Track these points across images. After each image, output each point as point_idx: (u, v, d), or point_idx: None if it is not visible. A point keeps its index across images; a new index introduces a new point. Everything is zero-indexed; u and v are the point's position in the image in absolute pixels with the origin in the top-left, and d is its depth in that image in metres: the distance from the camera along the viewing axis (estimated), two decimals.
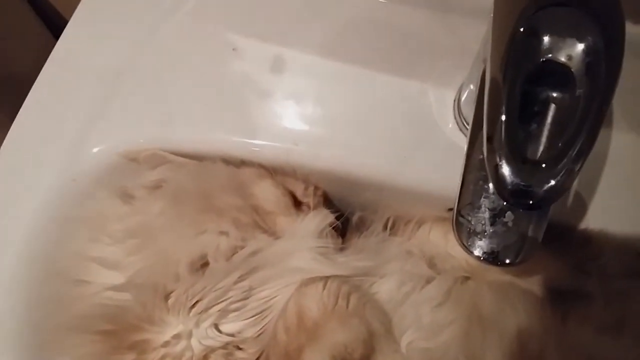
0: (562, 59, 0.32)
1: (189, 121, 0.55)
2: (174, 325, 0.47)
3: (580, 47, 0.31)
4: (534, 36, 0.32)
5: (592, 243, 0.50)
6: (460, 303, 0.50)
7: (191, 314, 0.47)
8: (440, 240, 0.56)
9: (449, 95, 0.54)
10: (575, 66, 0.32)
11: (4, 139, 0.55)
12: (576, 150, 0.31)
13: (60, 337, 0.50)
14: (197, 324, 0.47)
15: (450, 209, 0.51)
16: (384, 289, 0.51)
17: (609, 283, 0.48)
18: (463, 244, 0.42)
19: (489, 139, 0.32)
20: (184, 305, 0.47)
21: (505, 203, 0.37)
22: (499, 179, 0.31)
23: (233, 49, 0.57)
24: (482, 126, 0.35)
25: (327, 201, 0.58)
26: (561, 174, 0.31)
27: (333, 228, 0.52)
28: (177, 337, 0.47)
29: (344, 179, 0.55)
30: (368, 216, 0.59)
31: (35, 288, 0.52)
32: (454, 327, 0.48)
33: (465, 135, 0.51)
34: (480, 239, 0.42)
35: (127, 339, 0.47)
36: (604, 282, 0.48)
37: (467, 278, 0.53)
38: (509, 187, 0.31)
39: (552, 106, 0.34)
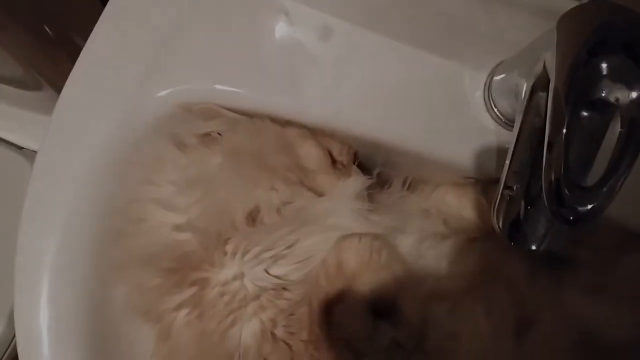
0: (612, 100, 0.39)
1: (241, 79, 0.58)
2: (231, 267, 0.54)
3: (629, 94, 0.39)
4: (593, 75, 0.39)
5: None
6: (471, 260, 0.58)
7: (246, 259, 0.54)
8: (455, 202, 0.64)
9: (481, 79, 0.59)
10: (621, 108, 0.39)
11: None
12: (616, 176, 0.38)
13: (124, 270, 0.56)
14: (251, 267, 0.54)
15: (468, 177, 0.60)
16: (406, 243, 0.58)
17: (600, 254, 0.58)
18: (498, 218, 0.50)
19: (550, 148, 0.39)
20: (240, 251, 0.54)
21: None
22: (551, 193, 0.39)
23: (285, 14, 0.60)
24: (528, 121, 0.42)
25: (356, 159, 0.64)
26: (603, 197, 0.39)
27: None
28: (234, 277, 0.54)
29: (375, 144, 0.61)
30: (389, 172, 0.66)
31: (95, 223, 0.57)
32: (464, 280, 0.57)
33: (492, 116, 0.58)
34: (514, 220, 0.49)
35: (189, 276, 0.54)
36: (595, 253, 0.58)
37: (476, 238, 0.61)
38: (558, 202, 0.39)
39: (602, 136, 0.41)
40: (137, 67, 0.57)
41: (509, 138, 0.53)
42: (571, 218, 0.39)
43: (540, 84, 0.45)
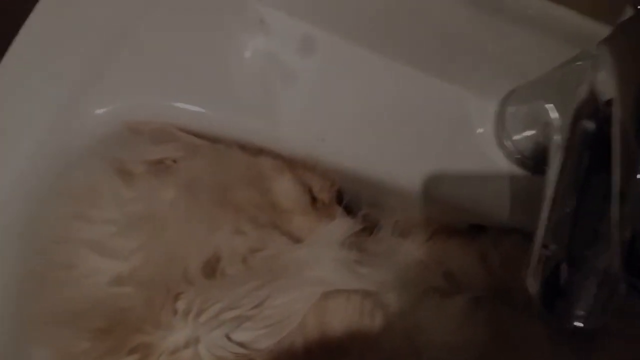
0: None
1: (205, 96, 0.49)
2: (182, 331, 0.43)
3: None
4: None
5: None
6: (479, 325, 0.48)
7: (201, 319, 0.43)
8: (457, 253, 0.54)
9: (490, 106, 0.51)
10: None
11: None
12: None
13: (46, 328, 0.45)
14: (208, 331, 0.43)
15: (473, 226, 0.50)
16: (401, 302, 0.48)
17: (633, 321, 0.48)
18: (532, 285, 0.40)
19: (622, 198, 0.29)
20: (194, 310, 0.43)
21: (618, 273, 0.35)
22: (630, 257, 0.29)
23: (260, 21, 0.50)
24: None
25: (339, 197, 0.55)
26: None
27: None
28: (185, 343, 0.43)
29: (363, 180, 0.52)
30: (377, 214, 0.56)
31: (13, 264, 0.47)
32: (472, 351, 0.47)
33: (504, 152, 0.49)
34: (553, 287, 0.39)
35: (127, 340, 0.43)
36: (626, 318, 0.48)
37: (483, 298, 0.51)
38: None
39: None
40: (72, 75, 0.48)
41: (525, 179, 0.48)
42: None
43: (586, 111, 0.36)
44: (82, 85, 0.48)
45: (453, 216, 0.53)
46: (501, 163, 0.51)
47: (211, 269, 0.45)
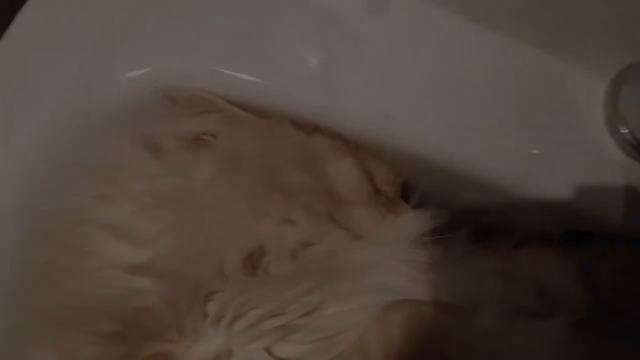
0: None
1: (253, 62, 0.43)
2: (212, 340, 0.36)
3: None
4: None
5: None
6: (582, 354, 0.41)
7: (236, 327, 0.36)
8: (553, 265, 0.46)
9: (600, 85, 0.45)
10: None
11: None
12: None
13: (50, 325, 0.39)
14: (244, 343, 0.36)
15: (572, 232, 0.41)
16: (486, 320, 0.40)
17: None
18: None
19: None
20: (229, 315, 0.36)
21: None
22: None
23: None
24: None
25: (405, 193, 0.48)
26: None
27: None
28: (216, 356, 0.36)
29: (440, 170, 0.45)
30: (450, 214, 0.47)
31: (21, 247, 0.42)
32: None
33: (618, 142, 0.42)
34: None
35: (144, 348, 0.36)
36: None
37: (583, 321, 0.42)
38: None
39: None
40: (102, 32, 0.43)
41: None
42: None
43: None
44: (113, 43, 0.43)
45: (548, 219, 0.45)
46: (614, 154, 0.43)
47: (253, 264, 0.39)
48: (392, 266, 0.39)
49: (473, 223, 0.47)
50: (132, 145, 0.42)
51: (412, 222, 0.41)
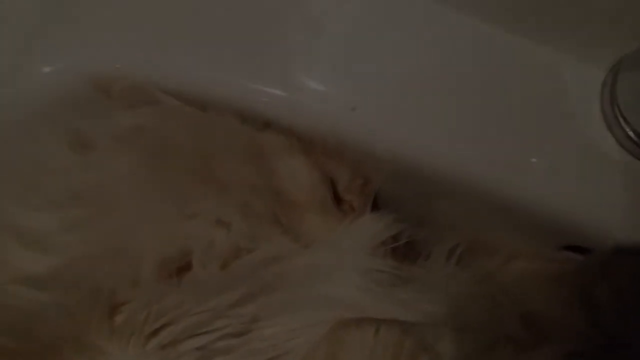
0: None
1: (193, 48, 0.39)
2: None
3: None
4: None
5: None
6: None
7: (149, 346, 0.31)
8: (544, 286, 0.40)
9: (595, 75, 0.40)
10: None
11: None
12: None
13: None
14: None
15: (568, 247, 0.35)
16: (459, 348, 0.34)
17: None
18: None
19: None
20: (139, 330, 0.31)
21: None
22: None
23: None
24: None
25: (376, 204, 0.41)
26: None
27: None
28: None
29: (412, 175, 0.39)
30: (424, 234, 0.42)
31: None
32: None
33: (617, 138, 0.38)
34: None
35: None
36: None
37: (587, 353, 0.36)
38: None
39: None
40: (21, 26, 0.39)
41: None
42: None
43: None
44: (33, 33, 0.39)
45: (539, 233, 0.39)
46: (612, 151, 0.39)
47: (174, 269, 0.33)
48: (347, 276, 0.33)
49: (453, 237, 0.41)
50: (57, 143, 0.37)
51: (370, 226, 0.35)
